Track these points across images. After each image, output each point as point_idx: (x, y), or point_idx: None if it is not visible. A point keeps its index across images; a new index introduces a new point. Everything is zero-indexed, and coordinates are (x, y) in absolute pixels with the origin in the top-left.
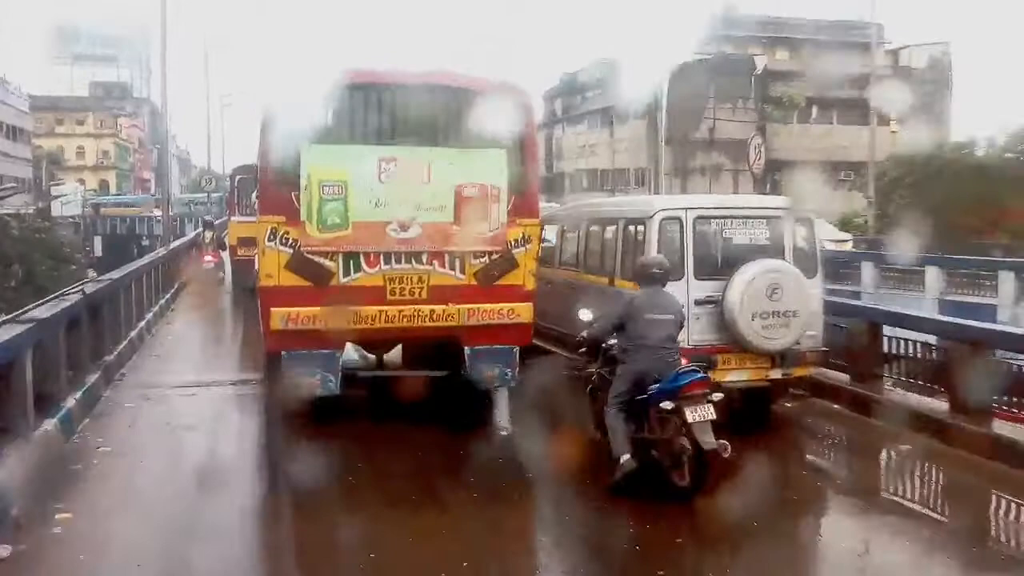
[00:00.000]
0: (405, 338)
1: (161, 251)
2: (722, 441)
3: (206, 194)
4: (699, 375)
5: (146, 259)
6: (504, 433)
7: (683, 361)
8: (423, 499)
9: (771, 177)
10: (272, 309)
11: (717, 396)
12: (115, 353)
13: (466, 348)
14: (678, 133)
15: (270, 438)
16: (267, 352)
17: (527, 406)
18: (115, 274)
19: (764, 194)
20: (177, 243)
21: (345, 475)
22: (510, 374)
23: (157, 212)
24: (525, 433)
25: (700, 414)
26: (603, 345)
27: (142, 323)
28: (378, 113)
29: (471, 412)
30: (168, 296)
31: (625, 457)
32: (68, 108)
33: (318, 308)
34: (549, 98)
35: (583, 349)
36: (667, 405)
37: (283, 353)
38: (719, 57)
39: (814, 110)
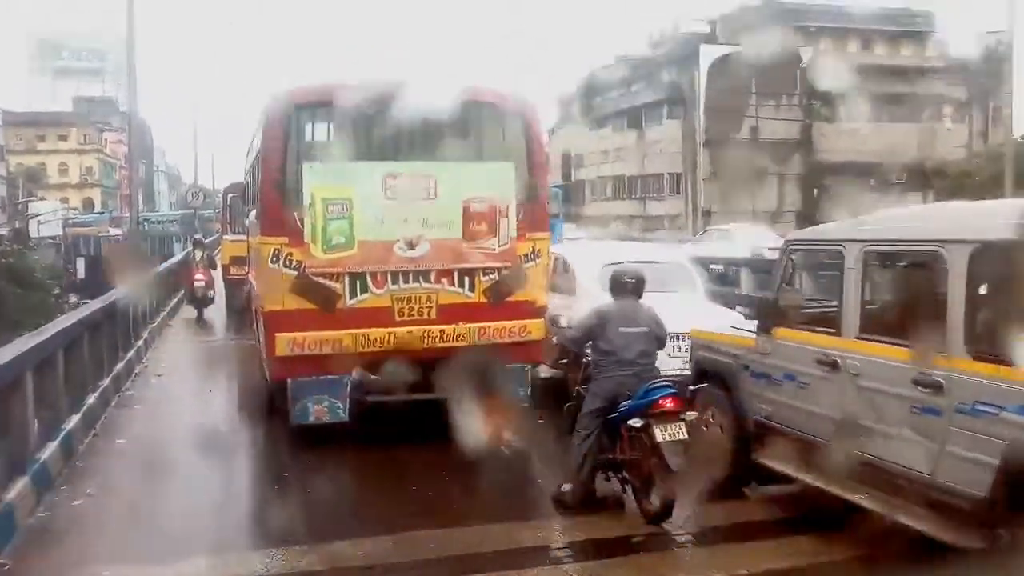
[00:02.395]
0: (414, 360)
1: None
2: (694, 463)
3: (178, 213)
4: (671, 390)
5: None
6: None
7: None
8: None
9: (819, 182)
10: (277, 335)
11: (691, 415)
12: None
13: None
14: (717, 133)
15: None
16: (272, 380)
17: None
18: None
19: (812, 199)
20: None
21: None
22: (523, 393)
23: (114, 231)
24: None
25: (671, 432)
26: (584, 360)
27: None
28: (381, 127)
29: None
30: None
31: (566, 488)
32: (50, 123)
33: (325, 332)
34: (564, 101)
35: (563, 360)
36: (636, 423)
37: (288, 381)
38: (760, 49)
39: (862, 107)
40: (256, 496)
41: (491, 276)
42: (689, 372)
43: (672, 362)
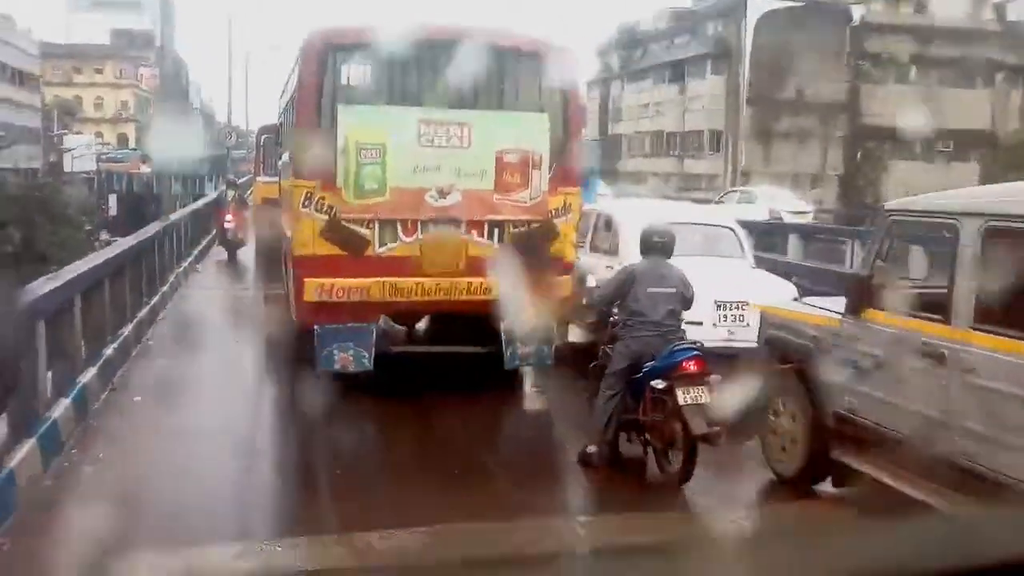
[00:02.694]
0: (440, 311)
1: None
2: (716, 427)
3: (208, 153)
4: (695, 352)
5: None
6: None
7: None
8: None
9: (863, 146)
10: (306, 279)
11: (715, 377)
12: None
13: (502, 323)
14: (762, 91)
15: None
16: (298, 326)
17: None
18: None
19: (855, 163)
20: (179, 214)
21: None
22: (547, 351)
23: (144, 168)
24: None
25: (693, 396)
26: (610, 320)
27: None
28: (418, 72)
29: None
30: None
31: (592, 448)
32: (87, 56)
33: (353, 279)
34: (603, 52)
35: (591, 319)
36: (658, 384)
37: (315, 327)
38: (811, 4)
39: (912, 70)
40: (278, 459)
41: (521, 229)
42: (734, 344)
43: (717, 332)
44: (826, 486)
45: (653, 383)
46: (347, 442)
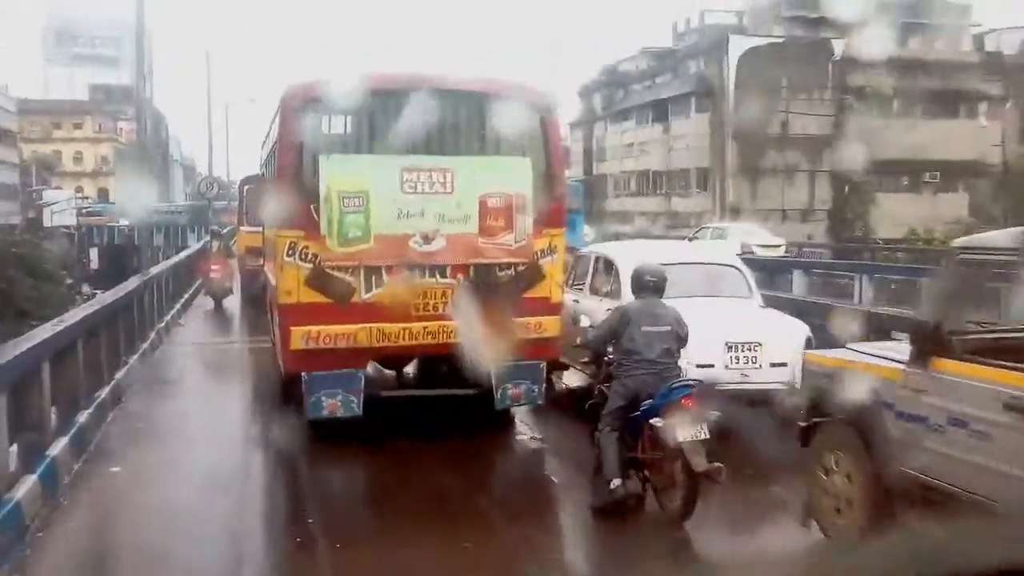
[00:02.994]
0: (428, 355)
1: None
2: (716, 464)
3: (187, 204)
4: (693, 389)
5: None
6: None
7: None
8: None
9: (849, 179)
10: (292, 328)
11: (714, 414)
12: None
13: (491, 365)
14: (747, 128)
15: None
16: (286, 374)
17: None
18: None
19: (843, 198)
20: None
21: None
22: (537, 391)
23: (123, 221)
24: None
25: (692, 432)
26: (605, 359)
27: None
28: (398, 120)
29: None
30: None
31: (616, 483)
32: (65, 111)
33: (340, 326)
34: (587, 93)
35: (586, 359)
36: (657, 422)
37: (303, 375)
38: (791, 40)
39: (894, 103)
40: (267, 539)
41: (507, 272)
42: (748, 386)
43: (729, 374)
44: None
45: (652, 421)
46: (340, 504)
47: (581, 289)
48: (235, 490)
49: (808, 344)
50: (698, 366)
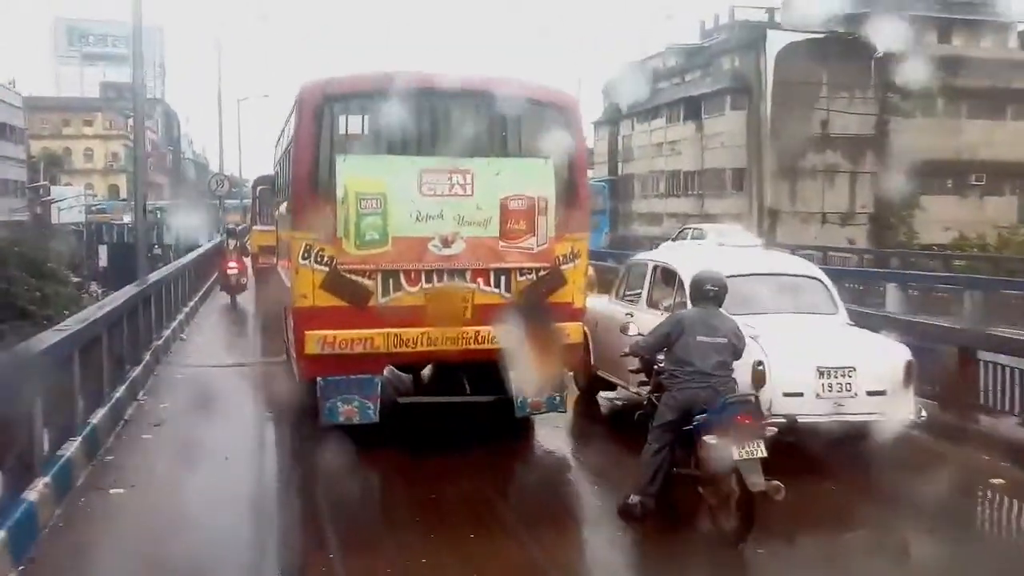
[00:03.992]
0: (447, 361)
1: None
2: (774, 482)
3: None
4: (750, 405)
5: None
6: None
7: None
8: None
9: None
10: (307, 332)
11: (771, 430)
12: None
13: (512, 371)
14: (786, 127)
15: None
16: (301, 379)
17: None
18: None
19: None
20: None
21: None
22: (559, 398)
23: (128, 218)
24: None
25: (748, 450)
26: (655, 368)
27: None
28: (418, 120)
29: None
30: None
31: (634, 499)
32: (76, 108)
33: (356, 331)
34: (611, 92)
35: (633, 368)
36: (711, 439)
37: (318, 380)
38: (832, 36)
39: (939, 102)
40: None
41: (528, 276)
42: (842, 418)
43: (821, 404)
44: None
45: (705, 438)
46: (359, 525)
47: (634, 301)
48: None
49: (909, 369)
50: (785, 395)
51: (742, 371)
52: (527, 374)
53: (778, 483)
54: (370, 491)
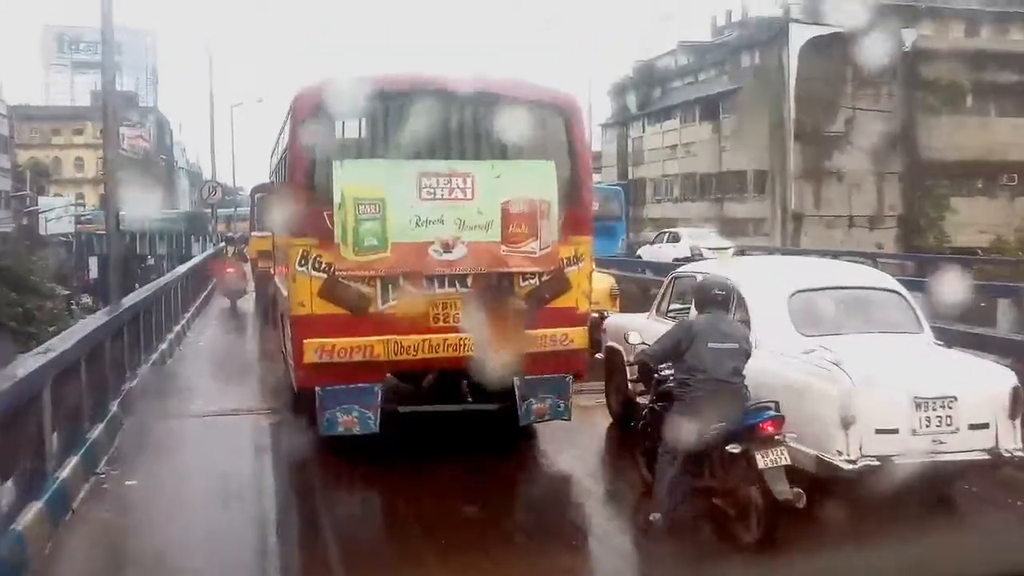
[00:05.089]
0: (448, 368)
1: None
2: (796, 490)
3: (182, 211)
4: (772, 413)
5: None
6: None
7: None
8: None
9: (921, 182)
10: (304, 341)
11: (791, 436)
12: None
13: (515, 378)
14: (810, 126)
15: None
16: (298, 388)
17: None
18: None
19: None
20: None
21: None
22: (563, 406)
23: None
24: None
25: (772, 458)
26: (656, 376)
27: None
28: (416, 124)
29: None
30: None
31: (657, 517)
32: (66, 118)
33: (356, 338)
34: (619, 92)
35: (634, 378)
36: (734, 448)
37: (317, 390)
38: (858, 30)
39: (968, 99)
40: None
41: (531, 281)
42: (942, 457)
43: (918, 442)
44: None
45: (728, 447)
46: (358, 526)
47: (677, 319)
48: None
49: (1016, 397)
50: (877, 432)
51: (823, 405)
52: (529, 378)
53: (800, 490)
54: (370, 504)
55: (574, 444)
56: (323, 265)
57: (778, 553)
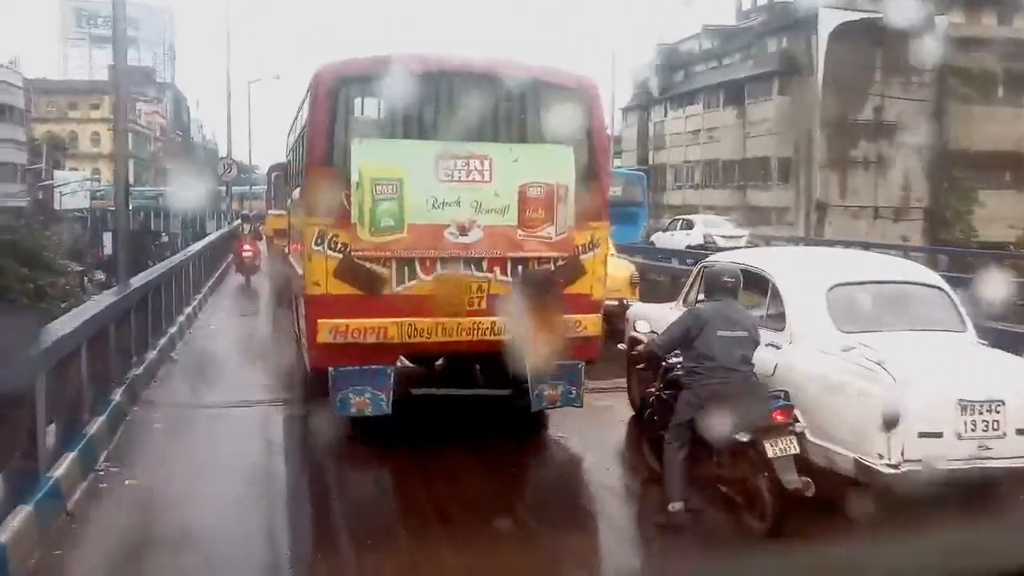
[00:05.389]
0: (462, 352)
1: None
2: (805, 478)
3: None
4: (781, 402)
5: None
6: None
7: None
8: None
9: (949, 174)
10: (319, 320)
11: (800, 426)
12: None
13: (528, 364)
14: (837, 113)
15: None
16: (311, 368)
17: None
18: None
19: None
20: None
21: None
22: (575, 393)
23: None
24: None
25: (782, 447)
26: (664, 364)
27: None
28: (435, 104)
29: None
30: None
31: (676, 506)
32: (83, 92)
33: (370, 320)
34: (640, 76)
35: (641, 366)
36: (743, 437)
37: (330, 370)
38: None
39: (1000, 88)
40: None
41: (547, 266)
42: (988, 464)
43: (962, 447)
44: None
45: (739, 435)
46: (370, 510)
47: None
48: None
49: None
50: (920, 435)
51: (864, 406)
52: (543, 364)
53: (808, 479)
54: (382, 486)
55: (592, 436)
56: (339, 245)
57: (791, 542)
